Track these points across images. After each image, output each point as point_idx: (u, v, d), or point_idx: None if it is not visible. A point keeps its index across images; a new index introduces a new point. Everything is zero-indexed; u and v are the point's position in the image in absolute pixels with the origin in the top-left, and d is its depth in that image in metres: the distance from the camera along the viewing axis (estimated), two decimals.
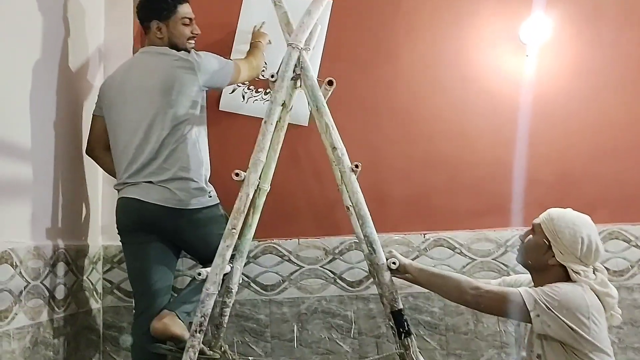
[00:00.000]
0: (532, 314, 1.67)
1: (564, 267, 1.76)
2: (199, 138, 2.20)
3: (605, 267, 2.47)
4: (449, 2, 2.66)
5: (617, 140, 2.58)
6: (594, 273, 1.77)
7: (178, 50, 2.24)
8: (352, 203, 1.97)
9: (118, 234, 2.19)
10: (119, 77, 2.23)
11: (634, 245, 2.51)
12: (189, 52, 2.22)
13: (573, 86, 2.61)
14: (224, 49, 2.54)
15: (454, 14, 2.65)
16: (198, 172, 2.15)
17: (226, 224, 2.15)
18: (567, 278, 1.76)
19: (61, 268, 2.15)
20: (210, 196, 2.18)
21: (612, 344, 1.74)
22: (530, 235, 1.84)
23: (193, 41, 2.29)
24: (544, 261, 1.78)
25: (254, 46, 2.49)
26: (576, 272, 1.74)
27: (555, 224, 1.78)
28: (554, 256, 1.76)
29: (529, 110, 2.58)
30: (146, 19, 2.25)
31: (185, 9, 2.26)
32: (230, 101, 2.60)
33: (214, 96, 2.53)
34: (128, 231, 2.15)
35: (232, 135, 2.59)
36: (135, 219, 2.12)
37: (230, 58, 2.51)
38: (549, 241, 1.77)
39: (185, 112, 2.14)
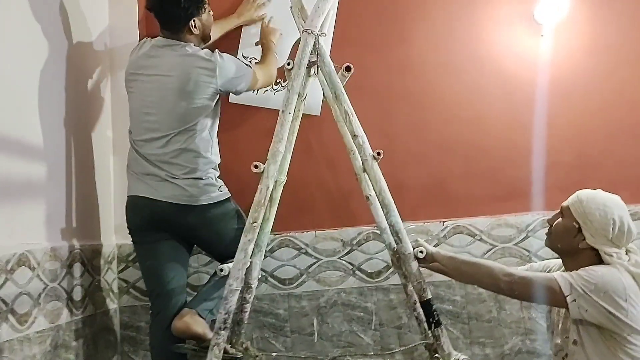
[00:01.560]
0: (568, 299, 1.62)
1: (596, 249, 1.72)
2: (211, 138, 2.16)
3: None
4: None
5: (637, 119, 2.52)
6: (626, 254, 1.72)
7: (207, 40, 2.19)
8: (375, 191, 1.92)
9: (129, 233, 2.15)
10: (137, 65, 2.17)
11: None
12: (212, 50, 2.16)
13: (590, 65, 2.54)
14: (230, 47, 2.46)
15: None
16: (207, 171, 2.12)
17: (238, 217, 2.14)
18: (599, 261, 1.71)
19: (77, 269, 2.11)
20: (221, 190, 2.14)
21: None
22: (560, 219, 1.79)
23: None
24: (575, 245, 1.73)
25: (265, 48, 2.41)
26: (608, 255, 1.69)
27: (585, 206, 1.73)
28: (584, 239, 1.72)
29: (546, 91, 2.51)
30: (191, 17, 2.12)
31: None
32: None
33: None
34: (139, 230, 2.12)
35: (243, 128, 2.54)
36: (146, 218, 2.09)
37: (237, 55, 2.46)
38: (578, 224, 1.73)
39: (199, 112, 2.09)
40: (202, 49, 2.16)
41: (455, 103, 2.56)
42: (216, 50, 2.16)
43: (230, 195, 2.18)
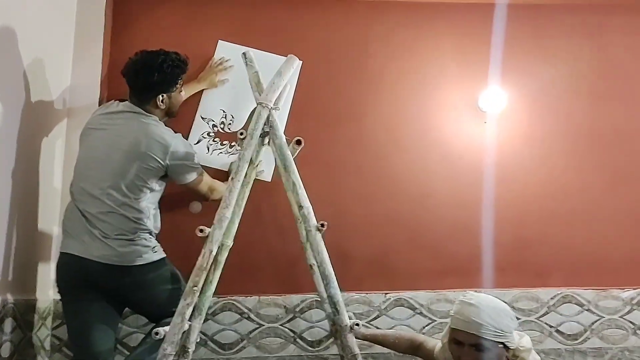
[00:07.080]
0: None
1: None
2: (149, 210, 2.13)
3: (560, 331, 2.54)
4: (414, 67, 2.76)
5: (569, 205, 2.69)
6: None
7: (171, 116, 2.26)
8: (316, 262, 1.97)
9: (58, 292, 2.09)
10: (96, 121, 2.19)
11: (586, 310, 2.57)
12: (175, 131, 2.21)
13: (527, 153, 2.73)
14: (189, 109, 2.56)
15: (418, 80, 2.75)
16: (141, 235, 2.08)
17: (173, 279, 2.12)
18: None
19: (9, 324, 2.03)
20: (155, 251, 2.11)
21: None
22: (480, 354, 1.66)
23: None
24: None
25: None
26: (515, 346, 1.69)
27: (496, 321, 1.66)
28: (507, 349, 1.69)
29: (487, 174, 2.67)
30: (161, 92, 2.17)
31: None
32: None
33: None
34: (68, 289, 2.06)
35: None
36: (75, 277, 2.03)
37: (195, 116, 2.57)
38: (502, 343, 1.67)
39: (140, 181, 2.08)
40: (165, 124, 2.21)
41: (402, 179, 2.68)
42: (179, 134, 2.21)
43: (164, 256, 2.14)
